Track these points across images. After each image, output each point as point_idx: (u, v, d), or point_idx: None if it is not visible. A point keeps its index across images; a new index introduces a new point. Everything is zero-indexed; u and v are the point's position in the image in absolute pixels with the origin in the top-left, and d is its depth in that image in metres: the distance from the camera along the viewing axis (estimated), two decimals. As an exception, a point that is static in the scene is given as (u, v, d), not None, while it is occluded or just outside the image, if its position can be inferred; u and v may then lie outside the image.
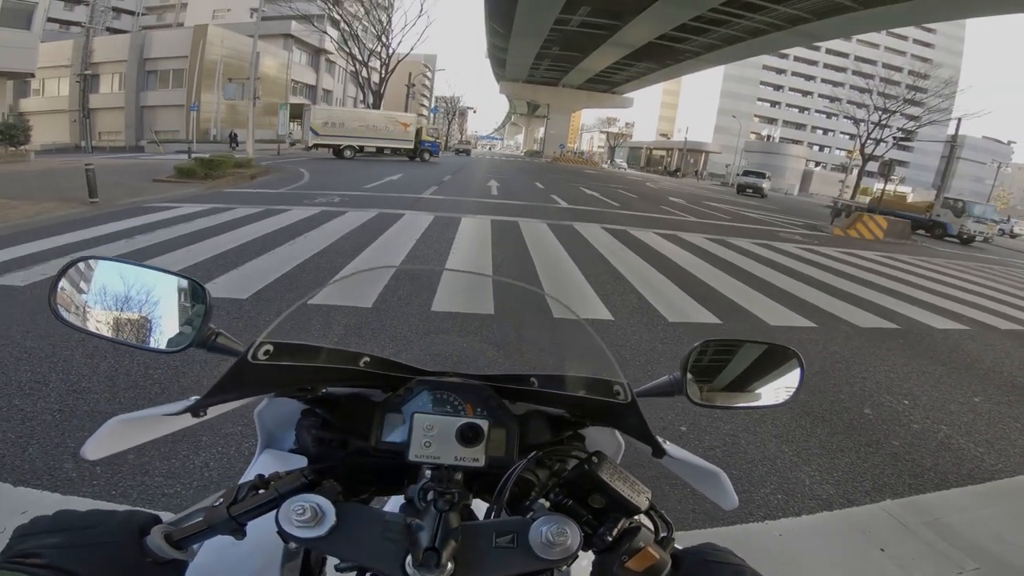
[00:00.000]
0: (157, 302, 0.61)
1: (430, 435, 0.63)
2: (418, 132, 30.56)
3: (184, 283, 0.62)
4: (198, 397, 0.58)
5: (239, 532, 0.51)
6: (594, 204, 15.40)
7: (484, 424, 0.62)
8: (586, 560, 0.56)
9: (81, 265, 0.62)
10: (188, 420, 0.60)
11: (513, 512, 0.58)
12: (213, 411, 0.62)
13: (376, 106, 38.90)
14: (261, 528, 0.51)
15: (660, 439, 0.65)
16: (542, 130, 74.90)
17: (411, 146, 30.20)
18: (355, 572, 0.63)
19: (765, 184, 35.29)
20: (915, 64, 50.69)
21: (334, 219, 8.38)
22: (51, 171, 12.63)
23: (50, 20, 29.01)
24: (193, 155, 14.78)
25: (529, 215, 11.12)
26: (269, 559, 0.61)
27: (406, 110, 47.18)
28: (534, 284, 5.73)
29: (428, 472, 0.60)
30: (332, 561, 0.72)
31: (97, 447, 0.55)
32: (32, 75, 23.08)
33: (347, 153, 27.10)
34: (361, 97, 42.05)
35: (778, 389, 0.73)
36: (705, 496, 0.70)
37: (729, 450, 2.85)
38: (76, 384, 2.81)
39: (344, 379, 0.69)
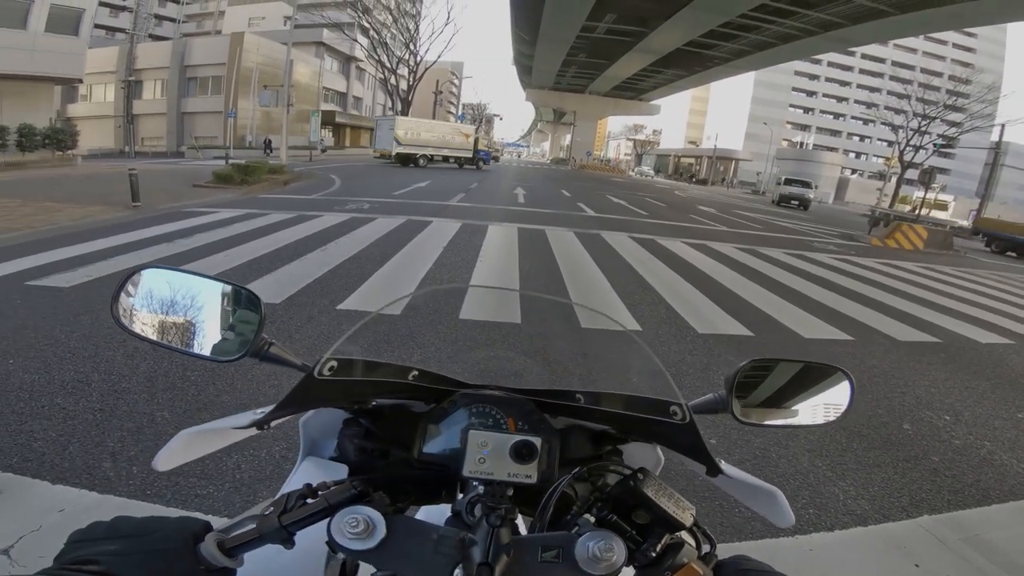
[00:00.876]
0: (212, 311, 0.63)
1: (484, 452, 0.64)
2: (476, 142, 33.53)
3: (239, 292, 0.64)
4: (263, 410, 0.60)
5: (288, 542, 0.51)
6: (621, 213, 15.29)
7: (538, 441, 0.62)
8: (628, 575, 0.56)
9: (142, 274, 0.64)
10: (252, 432, 0.62)
11: (552, 527, 0.59)
12: (275, 422, 0.64)
13: (405, 113, 39.59)
14: (305, 537, 0.52)
15: (717, 459, 0.65)
16: (568, 137, 74.89)
17: (471, 155, 33.05)
18: None
19: (811, 194, 31.11)
20: (955, 69, 48.89)
21: (364, 225, 8.55)
22: (96, 175, 13.23)
23: (96, 27, 30.34)
24: (230, 161, 15.28)
25: (556, 223, 11.12)
26: (313, 567, 0.62)
27: (433, 117, 47.93)
28: (561, 293, 5.72)
29: (480, 487, 0.61)
30: (366, 568, 0.73)
31: (168, 458, 0.58)
32: (80, 80, 23.76)
33: (421, 161, 29.33)
34: (390, 104, 42.82)
35: (827, 408, 0.72)
36: (756, 513, 0.69)
37: (760, 463, 2.78)
38: (117, 384, 2.91)
39: (394, 392, 0.71)
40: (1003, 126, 26.11)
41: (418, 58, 40.16)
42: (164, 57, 33.52)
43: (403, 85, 40.12)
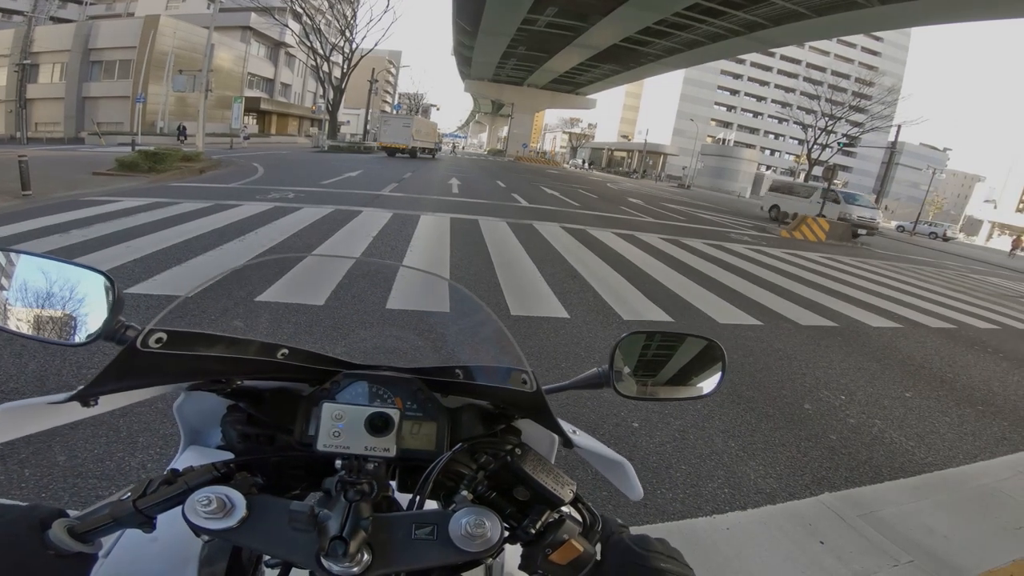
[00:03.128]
0: (66, 295, 0.59)
1: (339, 425, 0.62)
2: (440, 137, 37.97)
3: (91, 275, 0.60)
4: (80, 388, 0.55)
5: (147, 525, 0.50)
6: (554, 204, 15.52)
7: (394, 413, 0.61)
8: (518, 553, 0.56)
9: None
10: (79, 411, 0.57)
11: (446, 506, 0.58)
12: (109, 403, 0.59)
13: (336, 102, 38.12)
14: (178, 527, 0.50)
15: (571, 428, 0.65)
16: (506, 129, 75.06)
17: (433, 146, 37.24)
18: (280, 568, 0.62)
19: (878, 217, 21.29)
20: (862, 72, 53.38)
21: (287, 215, 8.13)
22: (-21, 161, 11.79)
23: (-8, 9, 27.41)
24: (137, 148, 14.08)
25: (490, 214, 11.11)
26: (187, 556, 0.60)
27: (368, 107, 46.56)
28: (492, 284, 5.72)
29: (339, 463, 0.59)
30: (266, 559, 0.70)
31: None
32: None
33: (419, 154, 33.16)
34: (321, 92, 41.03)
35: (703, 380, 0.74)
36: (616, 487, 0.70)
37: (679, 445, 2.92)
38: (4, 384, 2.65)
39: (261, 372, 0.67)
40: (899, 127, 28.63)
41: (354, 46, 38.67)
42: (66, 40, 30.81)
43: (337, 73, 38.52)
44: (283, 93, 47.08)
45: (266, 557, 0.69)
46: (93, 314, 0.58)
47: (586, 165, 65.68)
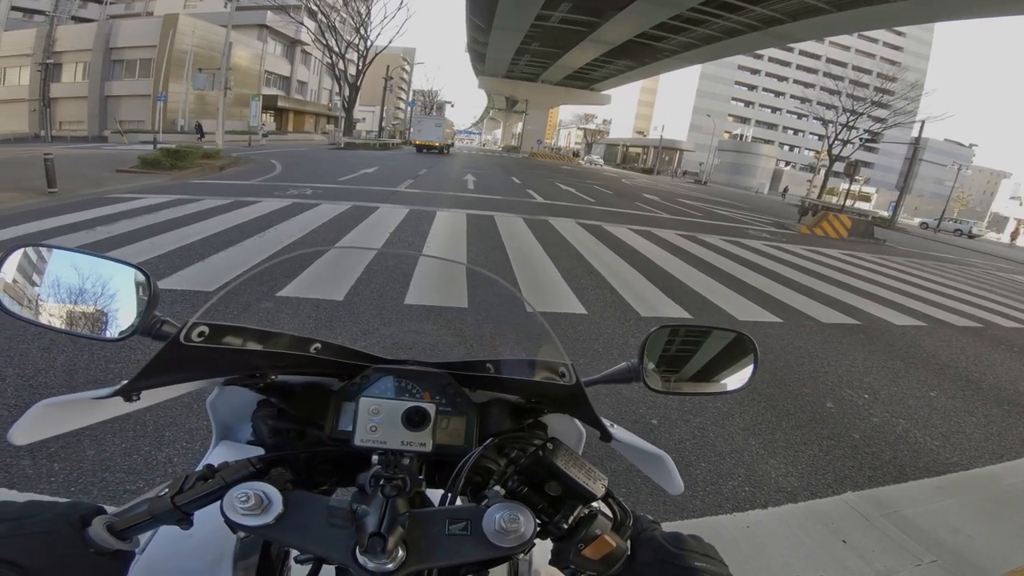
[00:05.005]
0: (102, 290, 0.59)
1: (376, 419, 0.62)
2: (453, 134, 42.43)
3: (129, 271, 0.60)
4: (124, 383, 0.55)
5: (185, 522, 0.50)
6: (570, 200, 15.47)
7: (431, 408, 0.61)
8: (547, 548, 0.56)
9: (24, 252, 0.59)
10: (121, 406, 0.57)
11: (475, 501, 0.58)
12: (150, 398, 0.59)
13: (352, 99, 38.40)
14: (213, 523, 0.50)
15: (608, 423, 0.64)
16: (520, 125, 74.84)
17: (450, 143, 41.15)
18: (312, 563, 0.62)
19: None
20: (884, 67, 52.27)
21: (306, 211, 8.23)
22: (7, 160, 12.06)
23: (14, 8, 27.91)
24: (159, 146, 14.33)
25: (505, 210, 11.12)
26: (222, 552, 0.60)
27: (383, 104, 46.92)
28: (509, 280, 5.73)
29: (375, 458, 0.59)
30: (295, 555, 0.71)
31: (25, 431, 0.53)
32: None
33: (444, 150, 37.18)
34: (337, 90, 41.39)
35: (734, 375, 0.73)
36: (655, 481, 0.69)
37: (699, 443, 2.90)
38: (33, 379, 2.70)
39: (294, 366, 0.67)
40: (923, 122, 27.98)
41: (368, 43, 38.89)
42: (87, 39, 31.23)
43: (352, 70, 38.79)
44: (299, 91, 47.50)
45: (295, 553, 0.69)
46: (129, 309, 0.59)
47: (602, 162, 65.17)
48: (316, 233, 6.82)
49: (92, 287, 0.59)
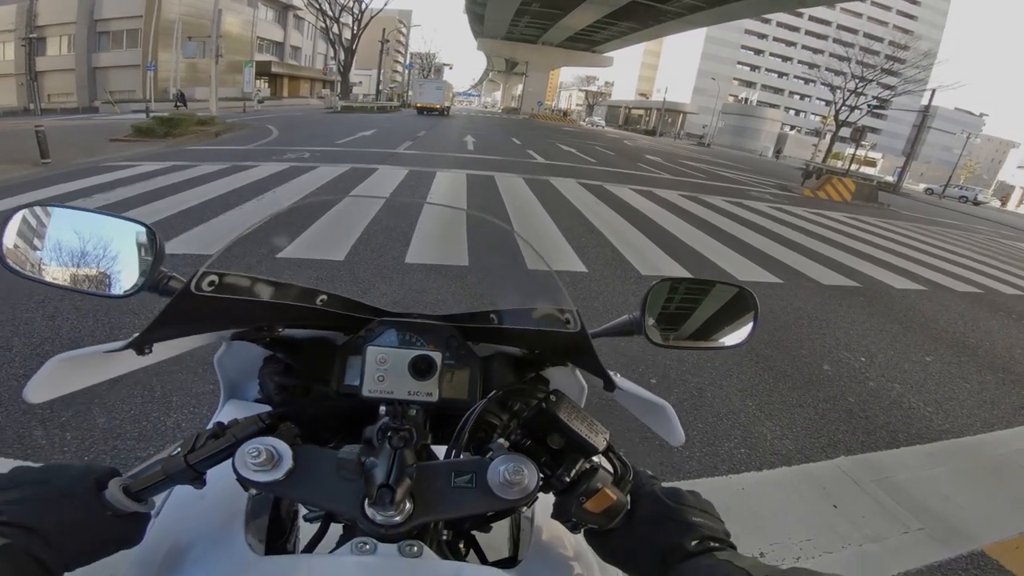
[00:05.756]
0: (108, 248, 0.59)
1: (383, 369, 0.62)
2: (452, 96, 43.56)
3: (134, 227, 0.60)
4: (136, 335, 0.55)
5: (198, 481, 0.50)
6: (571, 160, 15.33)
7: (437, 356, 0.61)
8: (548, 503, 0.56)
9: (27, 213, 0.59)
10: (134, 360, 0.57)
11: (478, 455, 0.58)
12: (162, 352, 0.59)
13: (348, 63, 37.46)
14: (225, 483, 0.51)
15: (612, 373, 0.64)
16: (520, 87, 73.30)
17: (448, 105, 41.32)
18: (320, 522, 0.63)
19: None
20: (896, 35, 50.70)
21: (304, 174, 8.16)
22: (-1, 133, 11.92)
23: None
24: (152, 114, 14.07)
25: (505, 170, 11.03)
26: (234, 512, 0.61)
27: (380, 67, 45.82)
28: (509, 238, 5.67)
29: (382, 410, 0.59)
30: (304, 513, 0.71)
31: (39, 388, 0.52)
32: None
33: (445, 112, 37.69)
34: (332, 54, 40.33)
35: (735, 330, 0.73)
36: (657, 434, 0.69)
37: (696, 403, 2.95)
38: (39, 347, 2.73)
39: (301, 319, 0.67)
40: (933, 91, 27.34)
41: (363, 6, 37.67)
42: (70, 11, 29.97)
43: (347, 34, 37.72)
44: (293, 56, 46.30)
45: (303, 511, 0.71)
46: (134, 265, 0.59)
47: (603, 124, 63.89)
48: (315, 195, 6.82)
49: (97, 245, 0.59)
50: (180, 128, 12.06)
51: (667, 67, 78.15)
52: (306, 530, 0.70)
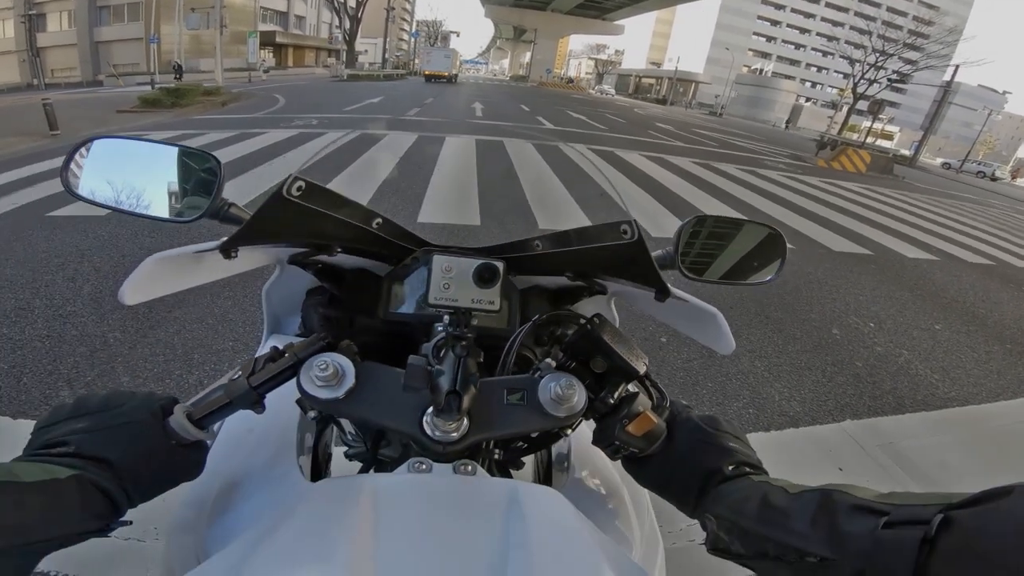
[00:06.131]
0: (168, 175, 0.61)
1: (448, 276, 0.64)
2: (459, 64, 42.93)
3: (196, 155, 0.61)
4: (226, 238, 0.56)
5: (258, 405, 0.50)
6: (580, 127, 15.15)
7: (500, 264, 0.62)
8: (586, 434, 0.58)
9: (94, 143, 0.61)
10: (221, 266, 0.59)
11: None
12: (242, 262, 0.61)
13: (353, 32, 36.83)
14: (275, 414, 0.52)
15: (665, 281, 0.64)
16: (528, 55, 71.88)
17: (455, 73, 41.10)
18: (362, 459, 0.64)
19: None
20: (921, 11, 48.84)
21: (313, 140, 8.16)
22: (5, 109, 11.84)
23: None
24: (157, 86, 14.00)
25: (514, 135, 10.90)
26: (286, 442, 0.62)
27: (385, 35, 45.02)
28: (520, 200, 5.67)
29: (446, 318, 0.60)
30: (344, 450, 0.72)
31: (135, 289, 0.53)
32: None
33: (453, 80, 38.00)
34: (337, 23, 39.60)
35: (762, 267, 0.75)
36: (702, 344, 0.69)
37: (706, 363, 2.97)
38: (61, 308, 2.78)
39: (357, 240, 0.68)
40: (956, 67, 26.49)
41: (368, -27, 36.83)
42: None
43: (351, 2, 36.93)
44: (298, 25, 45.53)
45: (343, 449, 0.71)
46: (198, 194, 0.61)
47: (613, 92, 62.55)
48: (326, 159, 6.73)
49: (161, 173, 0.61)
50: (186, 98, 12.04)
51: (680, 36, 76.18)
52: (342, 469, 0.72)
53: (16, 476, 0.38)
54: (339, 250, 0.68)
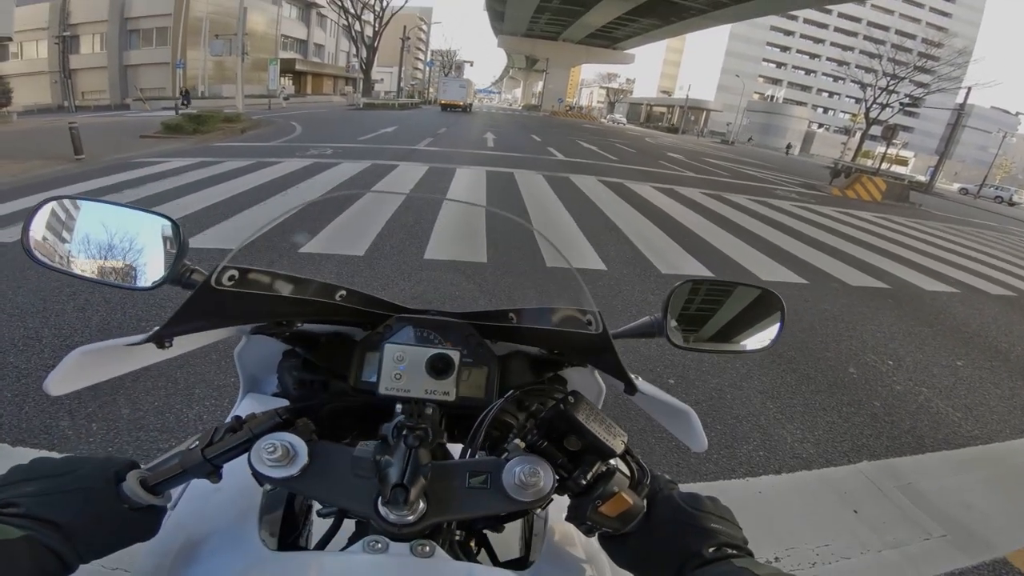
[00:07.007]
0: (131, 240, 0.60)
1: (400, 366, 0.62)
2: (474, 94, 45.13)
3: (158, 221, 0.60)
4: (158, 328, 0.55)
5: (215, 475, 0.50)
6: (591, 157, 15.26)
7: (455, 355, 0.61)
8: (564, 504, 0.55)
9: (55, 205, 0.60)
10: (155, 354, 0.58)
11: (493, 455, 0.58)
12: (183, 345, 0.59)
13: (370, 61, 37.97)
14: (240, 477, 0.51)
15: (633, 376, 0.63)
16: (540, 84, 73.32)
17: (470, 102, 42.94)
18: (334, 517, 0.63)
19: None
20: (929, 32, 49.20)
21: (327, 171, 8.30)
22: (34, 131, 12.28)
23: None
24: (181, 111, 14.46)
25: (525, 167, 11.05)
26: (248, 507, 0.61)
27: (401, 64, 46.39)
28: (528, 233, 5.67)
29: (399, 407, 0.58)
30: (317, 508, 0.70)
31: (61, 381, 0.53)
32: (9, 39, 22.71)
33: (468, 108, 39.75)
34: (354, 51, 40.91)
35: (759, 334, 0.71)
36: (678, 439, 0.67)
37: (715, 404, 2.90)
38: (69, 339, 2.80)
39: (320, 314, 0.67)
40: (969, 89, 26.46)
41: (384, 3, 38.13)
42: (102, 10, 30.87)
43: (368, 31, 38.20)
44: (317, 53, 47.04)
45: (317, 506, 0.70)
46: (158, 258, 0.59)
47: (625, 121, 63.29)
48: (337, 191, 6.90)
49: (122, 237, 0.60)
50: (207, 125, 12.39)
51: (690, 64, 77.17)
52: (319, 526, 0.70)
53: None
54: (301, 324, 0.67)
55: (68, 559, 0.44)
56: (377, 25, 37.96)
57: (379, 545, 0.47)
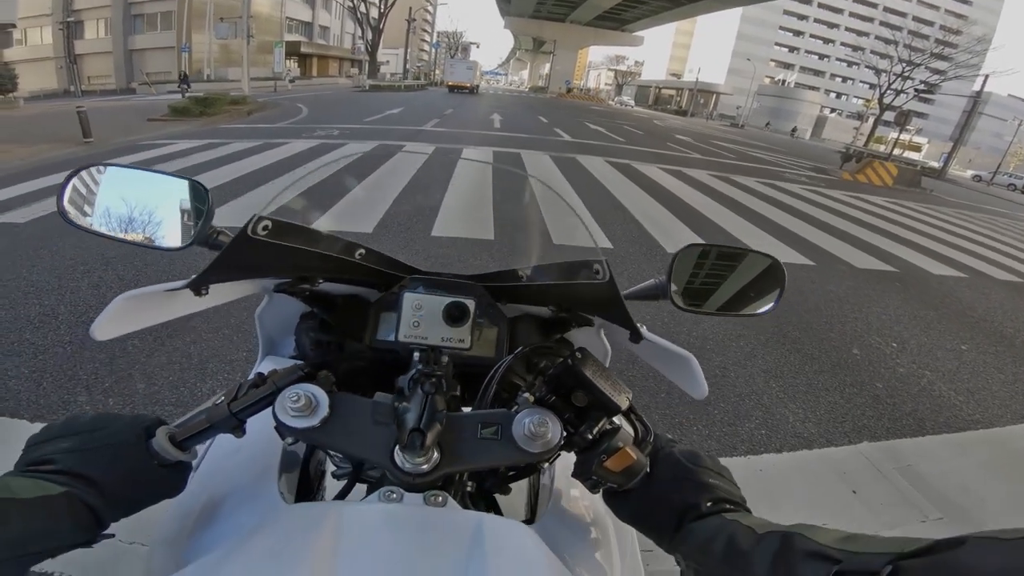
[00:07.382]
0: (161, 203, 0.62)
1: (418, 315, 0.65)
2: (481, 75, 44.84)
3: (186, 184, 0.63)
4: (195, 276, 0.57)
5: (239, 429, 0.52)
6: (598, 139, 15.16)
7: (470, 302, 0.63)
8: (568, 464, 0.57)
9: (87, 171, 0.62)
10: (192, 302, 0.60)
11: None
12: (216, 295, 0.62)
13: (375, 43, 37.62)
14: (260, 436, 0.54)
15: (638, 324, 0.64)
16: (548, 66, 72.46)
17: (477, 84, 41.96)
18: (348, 478, 0.65)
19: None
20: (948, 19, 47.97)
21: (333, 151, 8.31)
22: (41, 115, 12.30)
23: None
24: (187, 94, 14.44)
25: (532, 147, 10.98)
26: (268, 465, 0.64)
27: (406, 46, 45.94)
28: (535, 212, 5.72)
29: (416, 355, 0.60)
30: (332, 470, 0.74)
31: (106, 327, 0.54)
32: (13, 25, 22.62)
33: (475, 90, 39.49)
34: (360, 33, 40.51)
35: (759, 298, 0.73)
36: (678, 386, 0.68)
37: (719, 382, 2.92)
38: (84, 315, 2.85)
39: (341, 271, 0.69)
40: (986, 76, 25.89)
41: (390, -16, 37.72)
42: None
43: (374, 13, 37.79)
44: (322, 35, 46.65)
45: (331, 468, 0.73)
46: (187, 221, 0.62)
47: (633, 103, 62.36)
48: (345, 170, 6.91)
49: (151, 201, 0.62)
50: (214, 108, 12.37)
51: (700, 47, 75.84)
52: (332, 488, 0.73)
53: (13, 492, 0.41)
54: (322, 281, 0.69)
55: (102, 515, 0.45)
56: (382, 6, 37.57)
57: (394, 495, 0.48)
